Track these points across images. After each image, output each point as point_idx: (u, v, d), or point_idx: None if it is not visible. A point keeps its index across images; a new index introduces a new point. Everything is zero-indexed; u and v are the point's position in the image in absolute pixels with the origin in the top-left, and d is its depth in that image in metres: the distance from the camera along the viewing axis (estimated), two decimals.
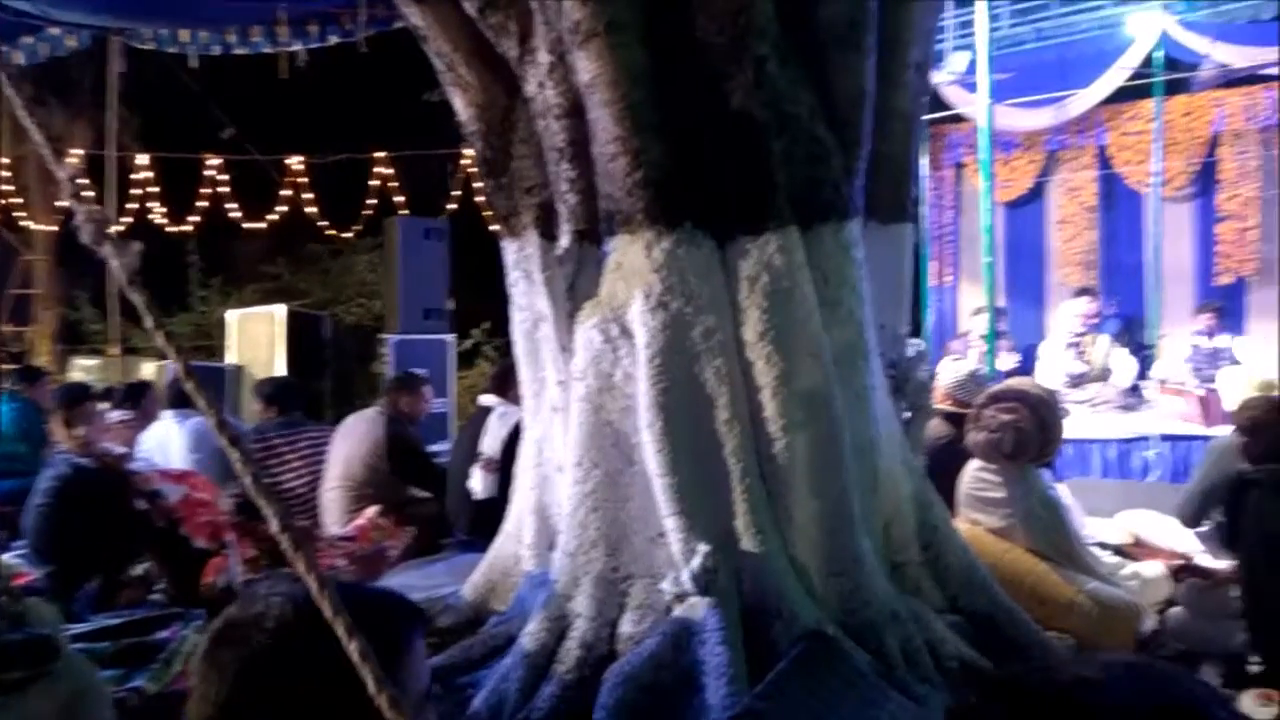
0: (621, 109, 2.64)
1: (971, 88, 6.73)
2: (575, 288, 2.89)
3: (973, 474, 3.56)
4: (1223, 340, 6.76)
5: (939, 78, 7.29)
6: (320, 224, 10.97)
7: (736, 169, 2.70)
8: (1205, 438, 5.33)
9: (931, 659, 2.69)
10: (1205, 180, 8.11)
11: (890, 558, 2.92)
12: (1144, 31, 7.12)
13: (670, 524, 2.67)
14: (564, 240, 2.92)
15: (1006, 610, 2.94)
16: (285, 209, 10.67)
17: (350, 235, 11.35)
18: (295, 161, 10.55)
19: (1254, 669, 2.92)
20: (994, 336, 5.94)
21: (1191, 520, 3.89)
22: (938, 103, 7.59)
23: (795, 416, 2.65)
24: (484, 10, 2.86)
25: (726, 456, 2.69)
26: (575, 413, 2.87)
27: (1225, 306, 7.27)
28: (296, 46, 7.42)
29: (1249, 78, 7.31)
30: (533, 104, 2.93)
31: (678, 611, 2.65)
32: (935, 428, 3.88)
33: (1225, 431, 4.60)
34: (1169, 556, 3.69)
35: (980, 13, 5.27)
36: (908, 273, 3.18)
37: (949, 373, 4.36)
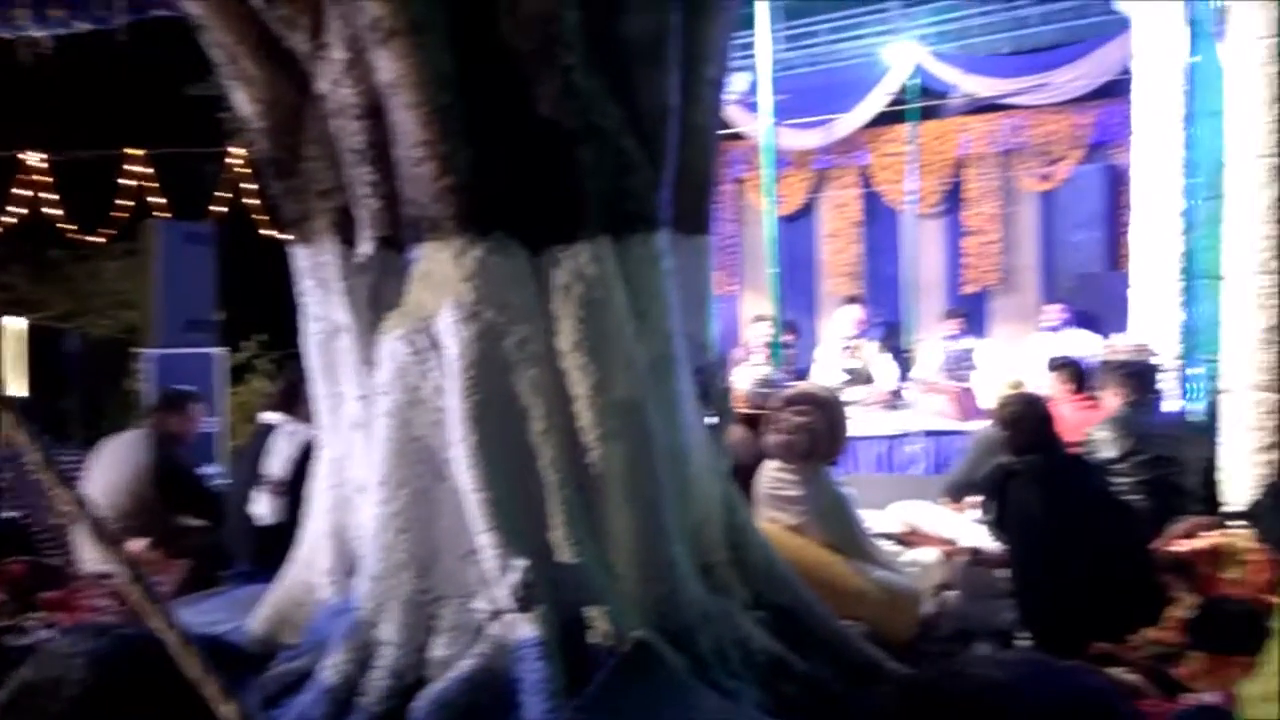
0: (427, 112, 2.55)
1: (752, 107, 7.07)
2: (378, 297, 2.76)
3: (770, 474, 3.72)
4: (968, 343, 7.47)
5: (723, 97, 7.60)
6: (63, 227, 9.87)
7: (547, 178, 2.68)
8: (960, 432, 5.86)
9: (741, 655, 2.78)
10: (953, 199, 8.97)
11: (700, 560, 2.99)
12: (900, 61, 7.78)
13: (485, 540, 2.59)
14: (364, 247, 2.77)
15: (806, 603, 3.08)
16: (23, 211, 9.52)
17: (100, 240, 10.29)
18: (35, 159, 9.45)
19: (1022, 643, 3.22)
20: (779, 345, 6.24)
21: (955, 497, 4.28)
22: (722, 121, 7.92)
23: (610, 426, 2.65)
24: (271, 2, 2.67)
25: (543, 468, 2.65)
26: (380, 429, 2.73)
27: (970, 313, 8.04)
28: (39, 33, 6.61)
29: (991, 106, 8.18)
30: (326, 102, 2.76)
31: (494, 630, 2.59)
32: (732, 431, 4.02)
33: (980, 425, 5.10)
34: (941, 543, 4.01)
35: (762, 36, 5.54)
36: (709, 283, 3.28)
37: (746, 378, 4.54)
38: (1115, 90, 7.19)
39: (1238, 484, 3.79)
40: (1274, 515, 3.23)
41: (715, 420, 3.32)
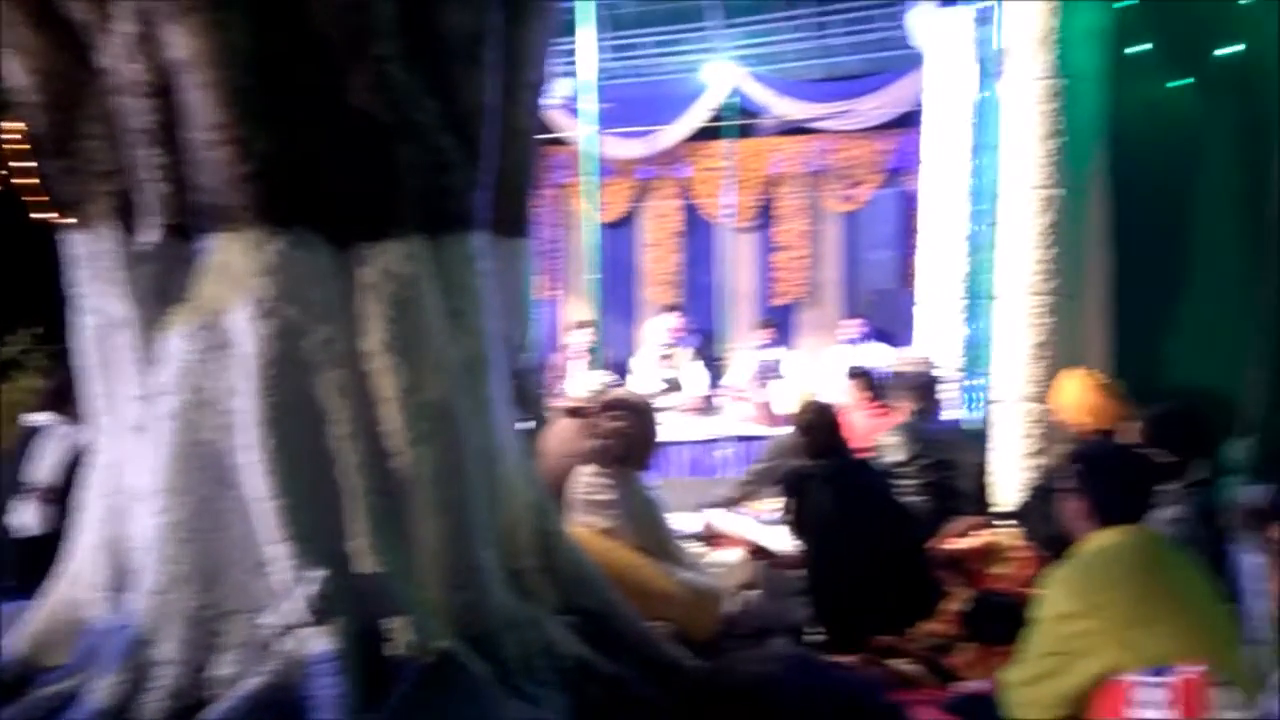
0: (224, 93, 2.39)
1: (576, 113, 7.10)
2: (162, 289, 2.56)
3: (585, 478, 3.73)
4: (777, 353, 7.82)
5: (545, 101, 7.59)
6: None
7: (358, 171, 2.57)
8: (768, 437, 6.11)
9: (549, 661, 2.78)
10: (766, 215, 9.36)
11: (509, 565, 2.96)
12: (719, 80, 8.05)
13: (277, 551, 2.46)
14: (149, 234, 2.56)
15: (614, 606, 3.12)
16: None
17: None
18: None
19: (815, 639, 3.39)
20: (598, 349, 6.29)
21: (739, 499, 4.46)
22: (544, 125, 7.91)
23: (420, 429, 2.58)
24: None
25: (344, 474, 2.55)
26: (162, 432, 2.54)
27: (779, 324, 8.42)
28: None
29: (801, 129, 8.60)
30: (110, 78, 2.54)
31: (285, 645, 2.46)
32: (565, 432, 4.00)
33: (782, 431, 5.33)
34: (744, 544, 4.16)
35: (586, 44, 5.57)
36: (527, 286, 3.26)
37: (586, 382, 4.54)
38: (912, 121, 7.74)
39: (1007, 487, 4.15)
40: (1037, 516, 3.54)
41: (530, 424, 3.31)
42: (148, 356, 2.59)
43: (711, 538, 4.49)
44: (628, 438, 3.58)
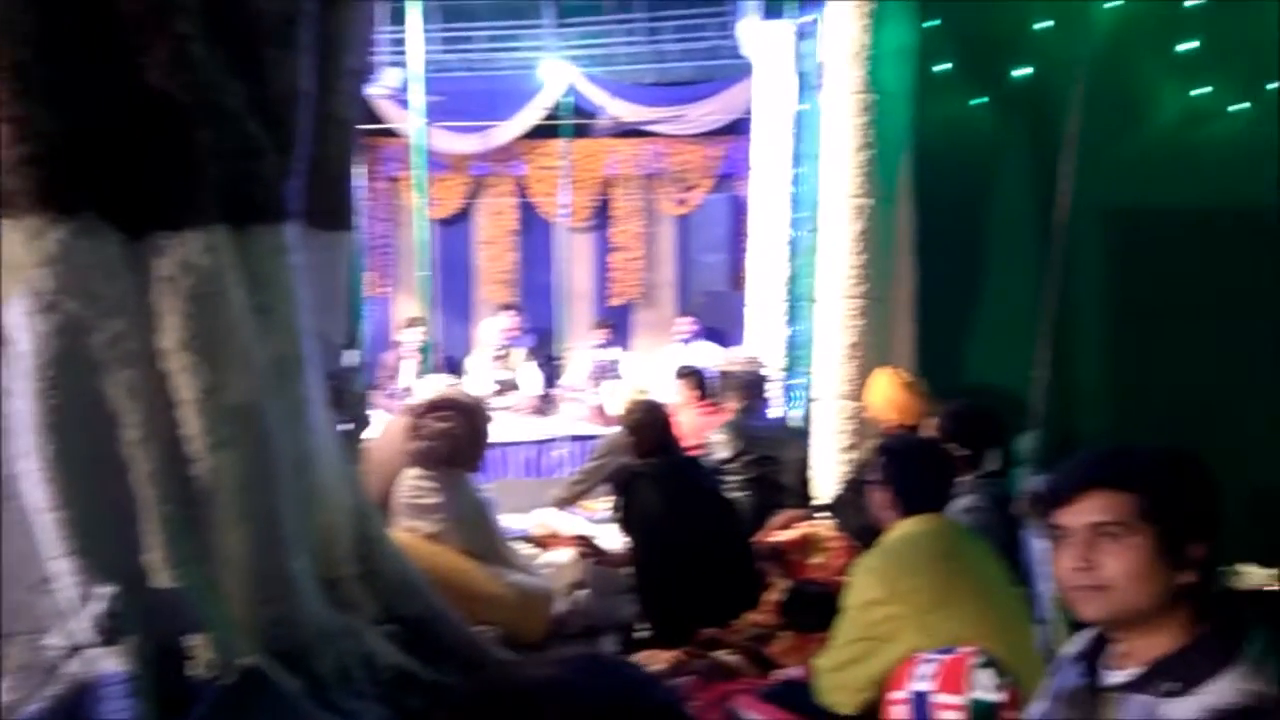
0: (2, 68, 2.16)
1: (405, 104, 6.91)
2: None
3: (410, 482, 3.63)
4: (614, 353, 7.89)
5: (373, 91, 7.36)
6: None
7: (154, 156, 2.38)
8: (601, 437, 6.14)
9: (368, 672, 2.68)
10: (602, 215, 9.43)
11: (326, 574, 2.84)
12: (554, 78, 8.04)
13: (62, 566, 2.26)
14: None
15: (438, 612, 3.05)
16: None
17: None
18: None
19: (643, 635, 3.43)
20: (430, 347, 6.14)
21: (569, 498, 4.48)
22: (373, 116, 7.66)
23: (222, 433, 2.42)
24: None
25: (137, 482, 2.36)
26: None
27: (616, 324, 8.50)
28: None
29: (636, 131, 8.71)
30: None
31: (72, 668, 2.26)
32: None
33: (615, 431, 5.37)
34: (574, 543, 4.16)
35: (414, 33, 5.42)
36: (345, 282, 3.13)
37: (416, 382, 4.39)
38: (742, 128, 7.99)
39: (825, 480, 4.34)
40: (850, 508, 3.72)
41: (349, 426, 3.18)
42: None
43: (543, 538, 4.47)
44: (454, 439, 3.51)
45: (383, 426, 4.04)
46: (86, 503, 2.29)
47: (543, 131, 8.59)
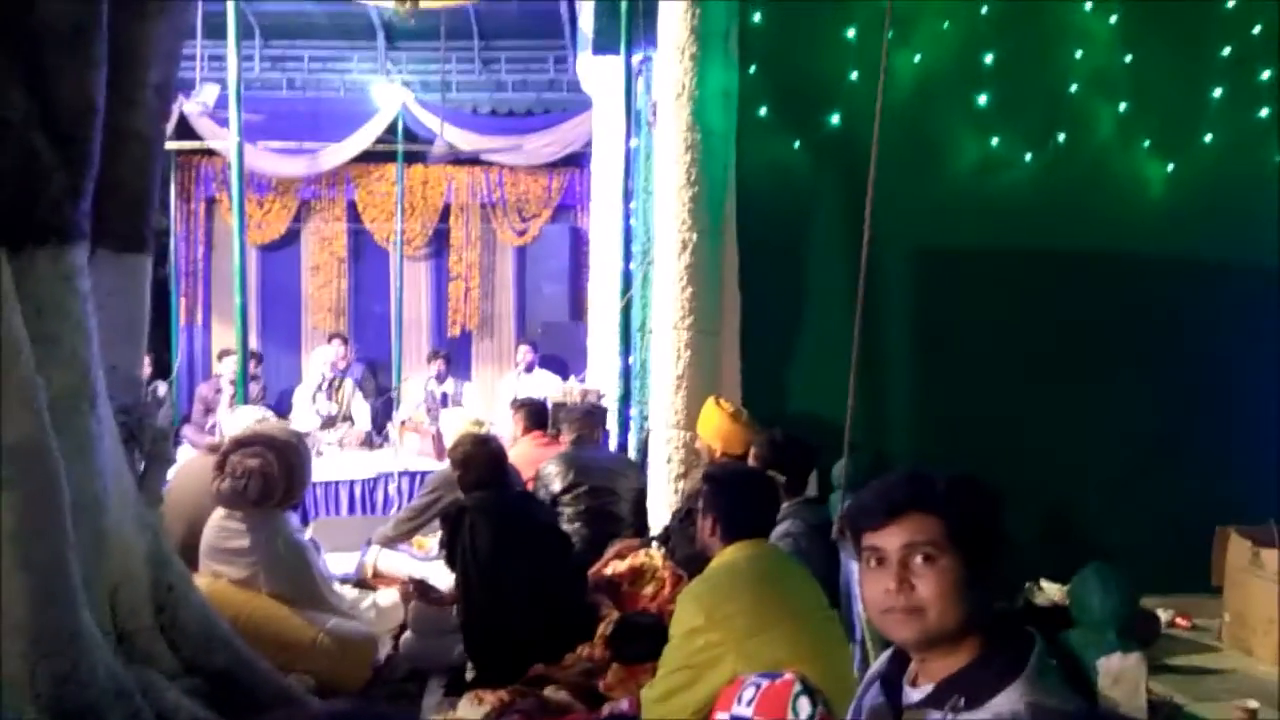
0: None
1: (223, 122, 6.57)
2: None
3: (218, 524, 3.41)
4: (450, 385, 7.74)
5: (189, 108, 6.97)
6: None
7: None
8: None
9: None
10: (439, 243, 9.27)
11: (119, 626, 2.61)
12: (387, 102, 7.86)
13: None
14: None
15: (247, 663, 2.86)
16: None
17: None
18: None
19: (470, 676, 3.32)
20: (245, 379, 5.81)
21: (399, 535, 4.34)
22: (188, 133, 7.25)
23: (1, 473, 2.19)
24: None
25: None
26: None
27: (454, 355, 8.34)
28: None
29: (473, 160, 8.62)
30: None
31: None
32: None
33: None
34: (402, 583, 4.01)
35: (231, 48, 5.17)
36: (144, 309, 2.92)
37: (232, 416, 4.12)
38: (581, 160, 8.07)
39: (659, 510, 4.38)
40: (679, 536, 3.77)
41: (147, 464, 2.95)
42: None
43: (369, 578, 4.29)
44: (266, 477, 3.32)
45: (188, 465, 3.79)
46: None
47: (376, 156, 8.38)
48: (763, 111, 4.34)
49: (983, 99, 4.45)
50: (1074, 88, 4.51)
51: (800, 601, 2.51)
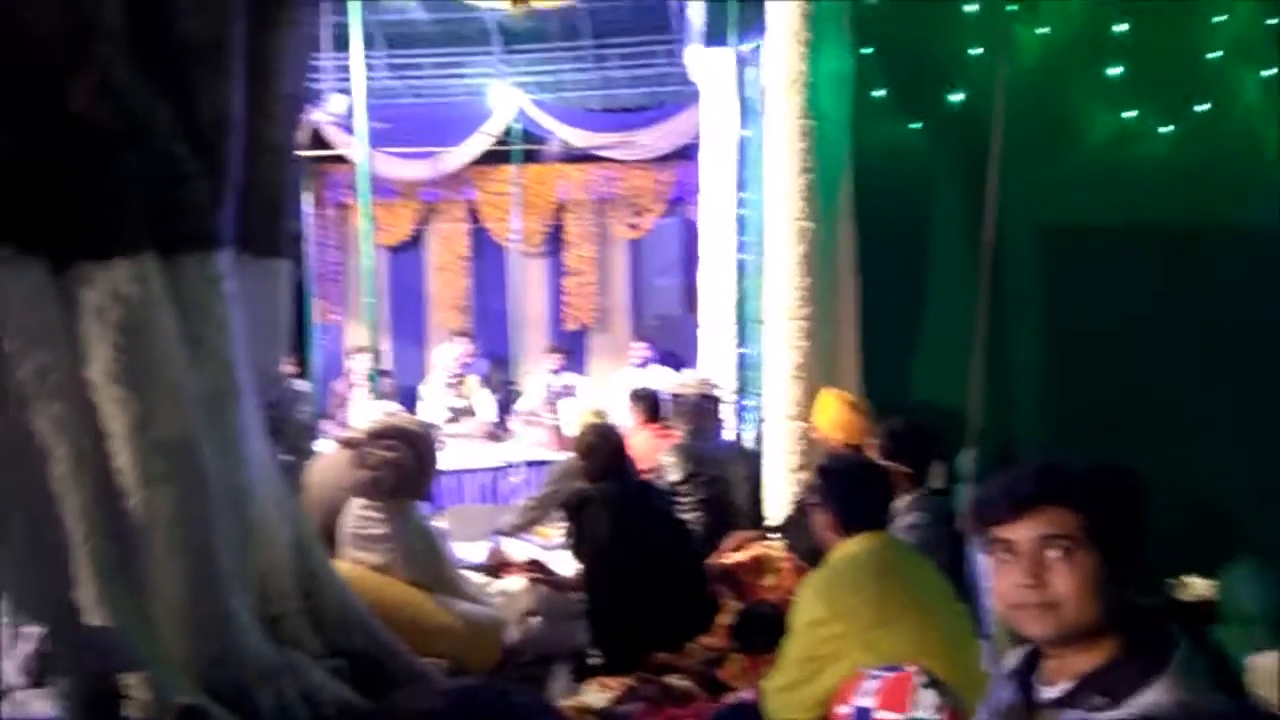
0: None
1: (351, 131, 6.86)
2: None
3: (356, 513, 3.57)
4: (569, 378, 7.87)
5: (320, 117, 7.31)
6: None
7: (80, 184, 2.34)
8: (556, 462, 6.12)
9: (311, 709, 2.62)
10: (555, 240, 9.42)
11: (267, 610, 2.78)
12: (503, 104, 8.05)
13: None
14: None
15: (385, 645, 2.99)
16: None
17: None
18: None
19: (595, 662, 3.39)
20: (376, 375, 6.08)
21: (523, 525, 4.45)
22: (320, 142, 7.60)
23: (155, 467, 2.36)
24: None
25: (67, 518, 2.29)
26: None
27: (570, 349, 8.48)
28: None
29: (587, 157, 8.74)
30: None
31: (4, 711, 2.18)
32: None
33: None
34: (527, 570, 4.12)
35: (356, 58, 5.40)
36: (284, 310, 3.08)
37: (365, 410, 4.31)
38: (691, 153, 8.06)
39: (777, 502, 4.35)
40: (798, 529, 3.73)
41: (290, 457, 3.13)
42: None
43: (496, 566, 4.42)
44: (399, 467, 3.46)
45: (325, 457, 3.98)
46: (14, 539, 2.22)
47: (493, 157, 8.59)
48: (879, 94, 4.23)
49: (1115, 70, 4.22)
50: (1214, 55, 4.23)
51: (925, 594, 2.46)
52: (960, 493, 3.27)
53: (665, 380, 6.85)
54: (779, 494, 4.34)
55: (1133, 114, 4.27)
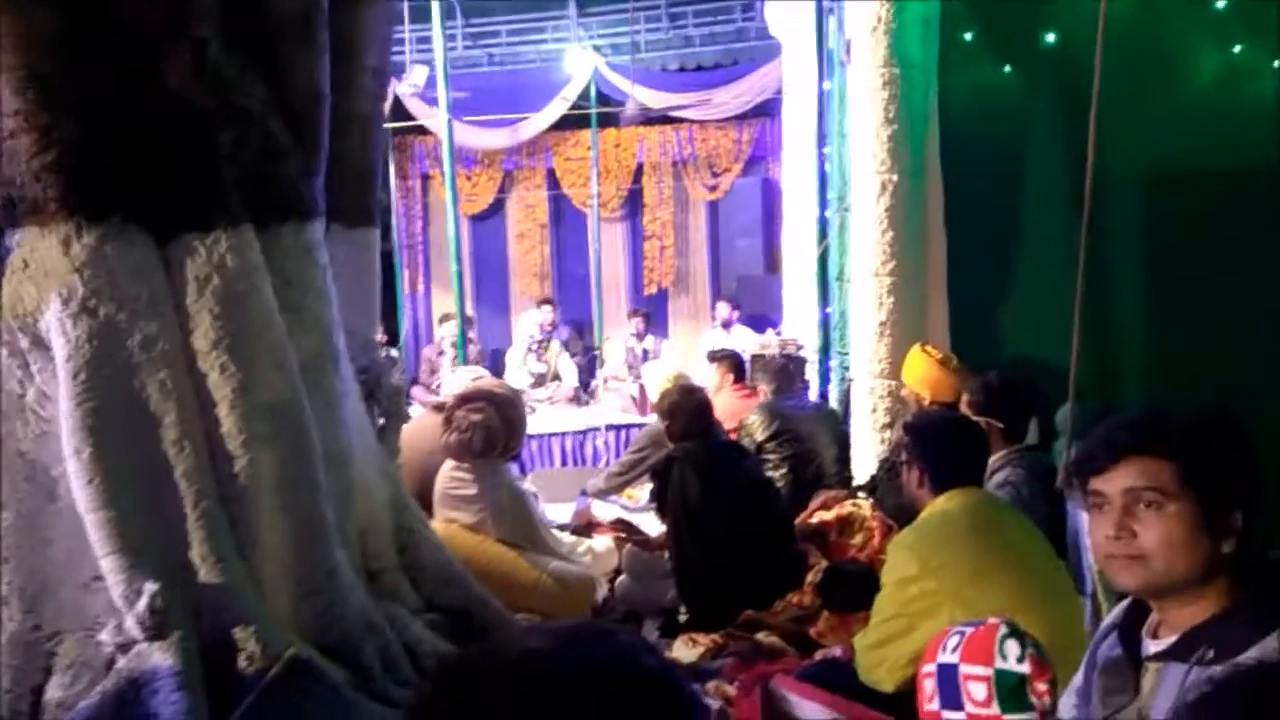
0: (24, 78, 2.20)
1: (432, 101, 6.95)
2: None
3: (448, 473, 3.67)
4: (650, 342, 7.90)
5: (401, 89, 7.42)
6: None
7: (179, 159, 2.42)
8: (641, 425, 6.16)
9: (412, 661, 2.71)
10: (634, 203, 9.41)
11: (367, 565, 2.88)
12: (579, 68, 8.04)
13: (108, 564, 2.31)
14: None
15: (480, 600, 3.08)
16: None
17: None
18: None
19: (683, 619, 3.43)
20: (464, 341, 6.20)
21: (610, 489, 4.50)
22: (402, 113, 7.73)
23: (258, 430, 2.46)
24: None
25: (178, 480, 2.40)
26: None
27: (651, 313, 8.49)
28: None
29: (663, 118, 8.68)
30: None
31: (122, 663, 2.32)
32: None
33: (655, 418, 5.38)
34: (614, 530, 4.18)
35: (436, 29, 5.46)
36: (375, 277, 3.16)
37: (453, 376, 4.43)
38: (771, 110, 7.92)
39: (863, 460, 4.30)
40: (887, 486, 3.70)
41: (384, 420, 3.22)
42: None
43: (583, 526, 4.50)
44: (488, 430, 3.53)
45: (418, 421, 4.08)
46: (129, 501, 2.33)
47: (571, 122, 8.60)
48: (968, 36, 4.08)
49: (1220, 2, 3.97)
50: None
51: (1020, 550, 2.41)
52: (1058, 449, 3.17)
53: (748, 341, 6.82)
54: (866, 453, 4.29)
55: (1240, 49, 4.01)
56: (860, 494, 3.97)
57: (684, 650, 3.08)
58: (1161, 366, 4.04)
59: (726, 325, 7.63)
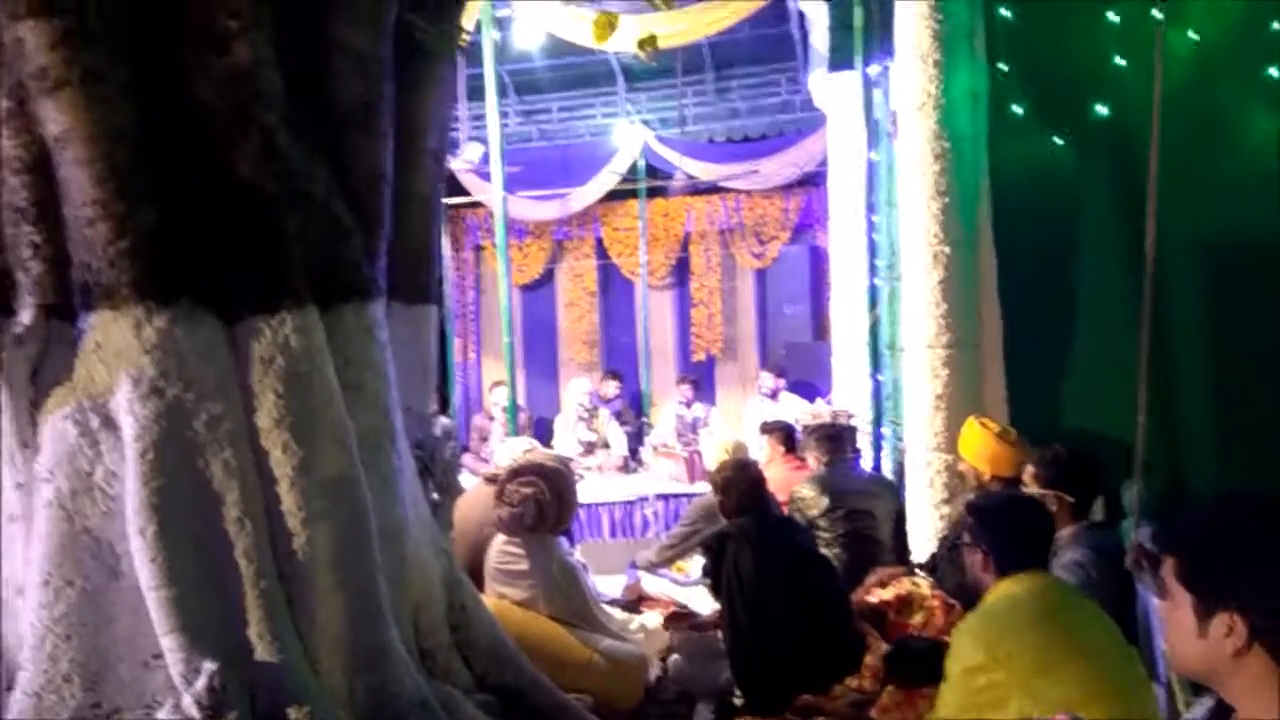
0: (102, 169, 2.31)
1: (486, 176, 7.13)
2: (41, 372, 2.44)
3: (499, 549, 3.66)
4: (698, 409, 7.87)
5: (456, 165, 7.63)
6: None
7: (246, 244, 2.51)
8: (691, 495, 6.11)
9: None
10: (681, 272, 9.49)
11: (420, 644, 2.87)
12: (628, 142, 8.21)
13: (168, 643, 2.33)
14: (26, 316, 2.45)
15: (532, 680, 3.04)
16: None
17: None
18: None
19: (738, 701, 3.34)
20: (515, 410, 6.24)
21: (661, 562, 4.43)
22: (457, 188, 7.93)
23: (317, 506, 2.49)
24: None
25: (238, 558, 2.43)
26: (42, 521, 2.39)
27: (699, 380, 8.48)
28: None
29: (711, 188, 8.79)
30: None
31: None
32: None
33: (707, 488, 5.33)
34: (666, 606, 4.11)
35: (491, 108, 5.63)
36: (432, 354, 3.21)
37: (505, 447, 4.46)
38: (817, 179, 7.99)
39: (921, 535, 4.20)
40: (948, 565, 3.59)
41: (438, 495, 3.23)
42: (25, 442, 2.45)
43: (635, 601, 4.44)
44: (540, 504, 3.53)
45: (469, 494, 4.10)
46: (190, 580, 2.36)
47: (619, 194, 8.76)
48: (1018, 109, 4.08)
49: (1275, 71, 3.93)
50: None
51: (1091, 637, 2.31)
52: (1127, 528, 3.07)
53: (796, 409, 6.76)
54: (923, 528, 4.19)
55: None
56: (919, 571, 3.86)
57: None
58: (1229, 441, 3.91)
59: (773, 394, 7.59)
